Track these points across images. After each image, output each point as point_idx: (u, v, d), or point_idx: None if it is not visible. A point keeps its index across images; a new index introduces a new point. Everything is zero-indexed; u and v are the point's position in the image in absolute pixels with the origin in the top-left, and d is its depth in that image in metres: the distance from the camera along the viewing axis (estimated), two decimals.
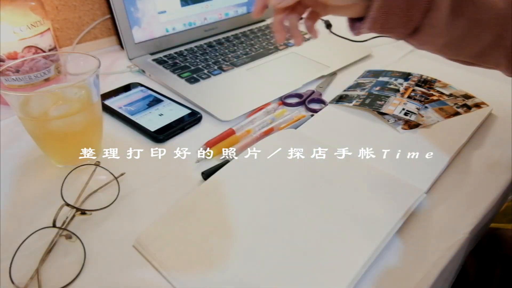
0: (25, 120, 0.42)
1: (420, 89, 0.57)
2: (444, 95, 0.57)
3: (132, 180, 0.45)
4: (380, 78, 0.59)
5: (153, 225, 0.38)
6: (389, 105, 0.53)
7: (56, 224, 0.37)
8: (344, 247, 0.36)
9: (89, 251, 0.37)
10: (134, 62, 0.71)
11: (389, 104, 0.54)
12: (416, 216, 0.41)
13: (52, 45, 0.59)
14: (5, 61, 0.54)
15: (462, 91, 0.59)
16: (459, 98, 0.57)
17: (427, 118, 0.53)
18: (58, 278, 0.34)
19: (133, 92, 0.62)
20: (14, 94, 0.41)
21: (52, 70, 0.54)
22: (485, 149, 0.50)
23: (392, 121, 0.52)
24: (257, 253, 0.36)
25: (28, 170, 0.47)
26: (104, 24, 0.80)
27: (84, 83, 0.43)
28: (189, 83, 0.64)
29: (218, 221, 0.38)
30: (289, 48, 0.77)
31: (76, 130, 0.45)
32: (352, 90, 0.55)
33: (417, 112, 0.53)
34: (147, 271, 0.35)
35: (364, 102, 0.55)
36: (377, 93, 0.56)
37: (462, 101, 0.56)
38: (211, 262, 0.35)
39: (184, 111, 0.56)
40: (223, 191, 0.41)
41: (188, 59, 0.72)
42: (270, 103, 0.59)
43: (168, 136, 0.52)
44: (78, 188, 0.42)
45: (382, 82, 0.58)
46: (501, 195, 0.45)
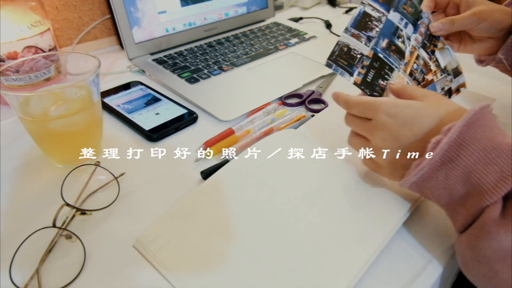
0: (25, 120, 0.42)
1: (423, 54, 0.51)
2: (438, 71, 0.53)
3: (132, 180, 0.45)
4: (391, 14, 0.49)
5: (153, 225, 0.38)
6: (389, 93, 0.46)
7: (56, 224, 0.37)
8: (345, 247, 0.36)
9: (89, 251, 0.37)
10: (134, 62, 0.71)
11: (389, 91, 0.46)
12: (416, 215, 0.41)
13: (52, 45, 0.59)
14: (5, 61, 0.54)
15: (456, 61, 0.55)
16: (448, 78, 0.54)
17: None
18: (58, 278, 0.34)
19: (132, 91, 0.62)
20: (14, 94, 0.41)
21: (52, 70, 0.54)
22: None
23: None
24: (257, 253, 0.36)
25: (28, 170, 0.47)
26: (104, 24, 0.80)
27: (84, 83, 0.43)
28: (189, 83, 0.64)
29: (218, 221, 0.38)
30: (289, 48, 0.77)
31: (76, 130, 0.45)
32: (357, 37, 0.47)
33: None
34: (147, 271, 0.35)
35: (366, 77, 0.46)
36: (382, 56, 0.47)
37: (449, 82, 0.53)
38: (211, 262, 0.35)
39: (180, 111, 0.57)
40: (223, 191, 0.41)
41: (188, 59, 0.72)
42: (270, 103, 0.59)
43: (162, 135, 0.52)
44: (78, 188, 0.42)
45: (391, 27, 0.48)
46: None
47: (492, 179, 0.29)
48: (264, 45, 0.78)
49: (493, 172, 0.30)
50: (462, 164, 0.31)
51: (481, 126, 0.31)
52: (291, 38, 0.81)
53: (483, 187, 0.30)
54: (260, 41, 0.80)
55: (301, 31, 0.85)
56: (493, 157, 0.30)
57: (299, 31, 0.85)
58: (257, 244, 0.36)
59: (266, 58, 0.73)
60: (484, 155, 0.30)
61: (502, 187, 0.29)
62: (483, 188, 0.30)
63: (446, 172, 0.32)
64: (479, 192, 0.30)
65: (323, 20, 0.94)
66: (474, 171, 0.30)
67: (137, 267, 0.35)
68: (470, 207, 0.31)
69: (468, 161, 0.31)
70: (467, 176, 0.31)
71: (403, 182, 0.35)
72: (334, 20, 0.92)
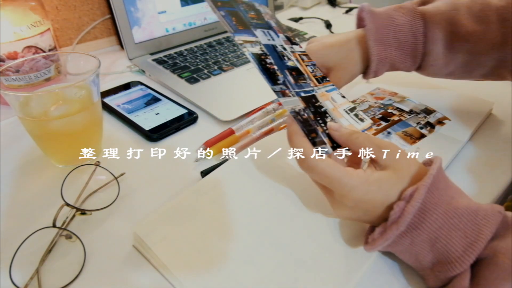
0: (25, 120, 0.42)
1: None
2: (404, 113, 0.54)
3: (132, 180, 0.45)
4: (259, 36, 0.40)
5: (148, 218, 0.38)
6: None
7: (56, 224, 0.37)
8: (345, 247, 0.36)
9: (89, 251, 0.37)
10: (134, 62, 0.71)
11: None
12: None
13: (52, 45, 0.59)
14: (5, 61, 0.54)
15: (422, 104, 0.55)
16: (420, 115, 0.53)
17: None
18: (58, 278, 0.34)
19: (132, 91, 0.62)
20: (14, 94, 0.41)
21: (52, 70, 0.54)
22: (485, 149, 0.50)
23: None
24: (255, 252, 0.35)
25: (28, 170, 0.47)
26: (104, 24, 0.80)
27: (84, 83, 0.43)
28: (189, 83, 0.64)
29: (217, 220, 0.38)
30: None
31: (76, 130, 0.45)
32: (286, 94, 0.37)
33: None
34: (147, 271, 0.35)
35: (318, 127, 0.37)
36: (306, 94, 0.39)
37: (424, 118, 0.53)
38: (210, 262, 0.35)
39: (180, 111, 0.56)
40: (222, 190, 0.41)
41: (188, 59, 0.72)
42: (270, 103, 0.59)
43: (162, 135, 0.52)
44: (78, 188, 0.42)
45: (274, 52, 0.40)
46: (501, 195, 0.45)
47: (459, 246, 0.30)
48: None
49: (458, 238, 0.30)
50: (427, 230, 0.30)
51: (439, 189, 0.31)
52: None
53: (451, 255, 0.30)
54: None
55: (301, 31, 0.85)
56: (456, 222, 0.30)
57: (299, 31, 0.85)
58: (255, 243, 0.36)
59: None
60: (447, 220, 0.30)
61: (469, 257, 0.29)
62: (451, 256, 0.30)
63: (412, 239, 0.31)
64: (447, 261, 0.30)
65: (323, 20, 0.94)
66: (440, 237, 0.30)
67: (137, 267, 0.35)
68: (439, 273, 0.31)
69: (433, 227, 0.30)
70: (433, 242, 0.31)
71: (367, 249, 0.34)
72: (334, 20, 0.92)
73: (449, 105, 0.56)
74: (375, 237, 0.33)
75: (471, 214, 0.30)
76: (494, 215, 0.30)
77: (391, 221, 0.31)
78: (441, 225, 0.30)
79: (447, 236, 0.30)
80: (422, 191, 0.30)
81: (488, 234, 0.29)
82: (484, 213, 0.30)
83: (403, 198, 0.31)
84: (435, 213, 0.30)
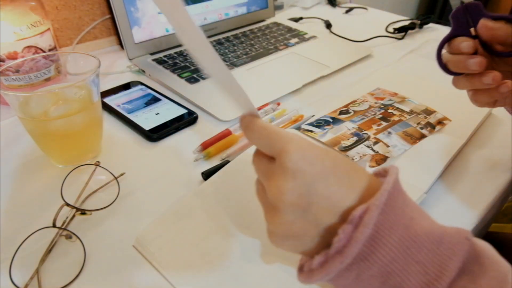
0: (25, 120, 0.42)
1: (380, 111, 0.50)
2: (404, 113, 0.54)
3: (132, 180, 0.45)
4: None
5: (152, 224, 0.38)
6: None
7: (56, 224, 0.37)
8: None
9: (89, 251, 0.37)
10: (134, 62, 0.71)
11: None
12: None
13: (52, 45, 0.59)
14: (5, 61, 0.54)
15: (422, 105, 0.55)
16: (420, 116, 0.53)
17: (393, 147, 0.48)
18: (58, 278, 0.34)
19: (132, 91, 0.62)
20: (14, 94, 0.41)
21: (52, 70, 0.54)
22: (485, 149, 0.50)
23: (357, 158, 0.46)
24: (256, 254, 0.36)
25: (28, 170, 0.47)
26: (104, 24, 0.80)
27: (84, 83, 0.43)
28: (189, 83, 0.64)
29: (218, 221, 0.38)
30: (289, 48, 0.77)
31: (76, 130, 0.45)
32: None
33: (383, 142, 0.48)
34: (147, 271, 0.35)
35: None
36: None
37: (424, 118, 0.53)
38: (210, 262, 0.35)
39: (180, 111, 0.56)
40: (223, 192, 0.41)
41: (188, 59, 0.72)
42: (269, 103, 0.59)
43: (162, 135, 0.52)
44: (78, 188, 0.42)
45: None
46: (501, 195, 0.45)
47: (417, 285, 0.24)
48: (264, 45, 0.78)
49: (416, 274, 0.24)
50: (378, 263, 0.24)
51: (395, 208, 0.24)
52: (291, 38, 0.81)
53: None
54: (260, 41, 0.80)
55: (301, 31, 0.85)
56: (414, 253, 0.24)
57: (299, 31, 0.85)
58: (256, 245, 0.36)
59: (266, 58, 0.73)
60: (403, 250, 0.24)
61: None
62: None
63: (358, 272, 0.24)
64: None
65: (323, 20, 0.94)
66: (393, 272, 0.24)
67: (137, 267, 0.35)
68: None
69: (385, 259, 0.24)
70: (384, 278, 0.24)
71: (302, 280, 0.27)
72: (334, 20, 0.92)
73: (449, 106, 0.56)
74: (313, 267, 0.26)
75: (433, 242, 0.24)
76: (461, 243, 0.24)
77: (334, 250, 0.24)
78: (395, 257, 0.24)
79: (402, 270, 0.24)
80: (375, 212, 0.23)
81: (454, 269, 0.23)
82: (449, 240, 0.24)
83: (350, 220, 0.24)
84: (389, 242, 0.24)
